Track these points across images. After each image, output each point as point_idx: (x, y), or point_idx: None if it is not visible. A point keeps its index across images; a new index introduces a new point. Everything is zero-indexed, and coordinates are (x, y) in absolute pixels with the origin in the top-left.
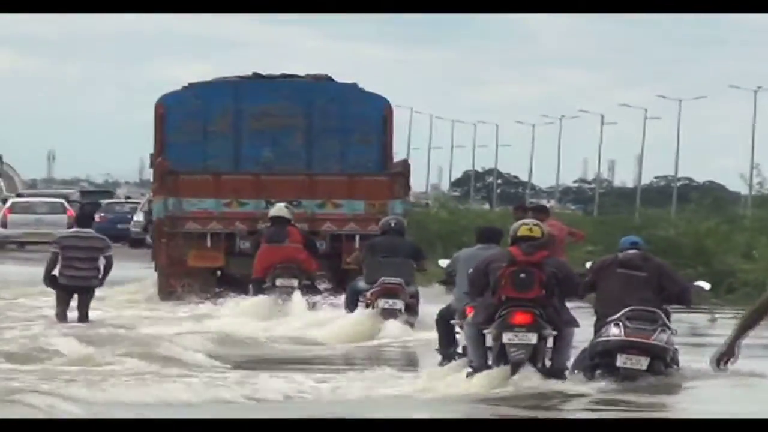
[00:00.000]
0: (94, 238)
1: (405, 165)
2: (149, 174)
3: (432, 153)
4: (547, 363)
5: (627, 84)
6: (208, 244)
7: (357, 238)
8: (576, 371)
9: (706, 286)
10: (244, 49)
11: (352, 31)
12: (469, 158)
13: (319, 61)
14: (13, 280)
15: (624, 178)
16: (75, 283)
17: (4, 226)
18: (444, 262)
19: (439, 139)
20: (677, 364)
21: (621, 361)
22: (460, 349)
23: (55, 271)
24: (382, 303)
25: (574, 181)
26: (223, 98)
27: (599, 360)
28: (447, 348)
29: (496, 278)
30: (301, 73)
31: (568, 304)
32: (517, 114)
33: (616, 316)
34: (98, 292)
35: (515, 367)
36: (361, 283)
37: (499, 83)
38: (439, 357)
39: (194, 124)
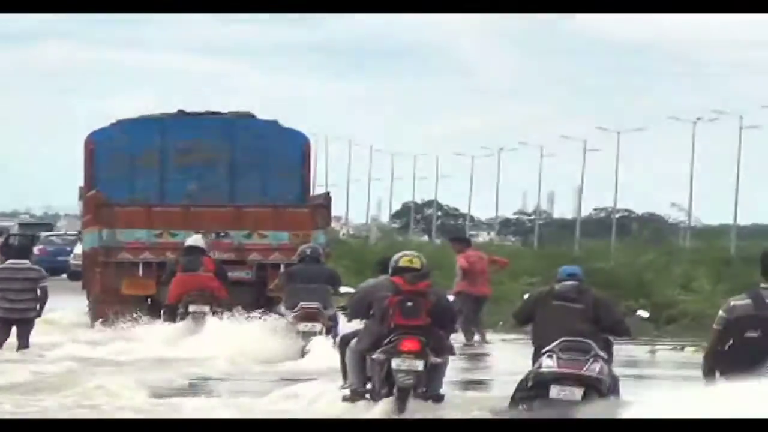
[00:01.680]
0: (28, 269)
1: (326, 197)
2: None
3: (372, 184)
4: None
5: (566, 116)
6: (140, 273)
7: (282, 266)
8: (515, 401)
9: (645, 314)
10: (179, 81)
11: (289, 63)
12: (409, 190)
13: (255, 93)
14: None
15: (563, 209)
16: (12, 315)
17: None
18: (345, 289)
19: (378, 171)
20: (617, 395)
21: (555, 392)
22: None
23: None
24: (302, 326)
25: (514, 213)
26: (150, 134)
27: (535, 392)
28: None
29: (384, 306)
30: (225, 110)
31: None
32: (456, 146)
33: (549, 348)
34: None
35: (402, 392)
36: (282, 308)
37: (438, 115)
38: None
39: (122, 158)
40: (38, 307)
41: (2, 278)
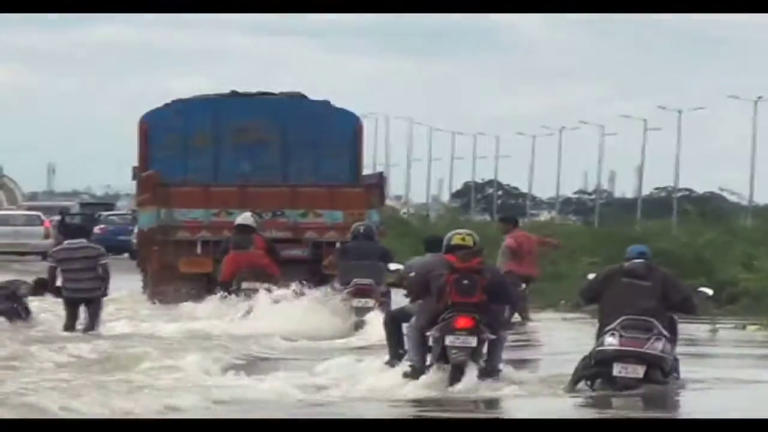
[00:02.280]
0: (87, 248)
1: (380, 177)
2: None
3: (432, 164)
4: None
5: (627, 95)
6: (198, 251)
7: (337, 244)
8: (578, 379)
9: (709, 291)
10: (240, 62)
11: (349, 43)
12: (469, 170)
13: (316, 73)
14: None
15: (624, 189)
16: (78, 295)
17: None
18: (394, 266)
19: (439, 151)
20: (678, 373)
21: (617, 370)
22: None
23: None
24: (355, 302)
25: (575, 193)
26: (203, 114)
27: (598, 369)
28: (396, 348)
29: (441, 284)
30: (276, 91)
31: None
32: (517, 125)
33: (612, 326)
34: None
35: (455, 368)
36: (337, 284)
37: (498, 95)
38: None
39: (176, 139)
40: (103, 286)
41: (61, 259)
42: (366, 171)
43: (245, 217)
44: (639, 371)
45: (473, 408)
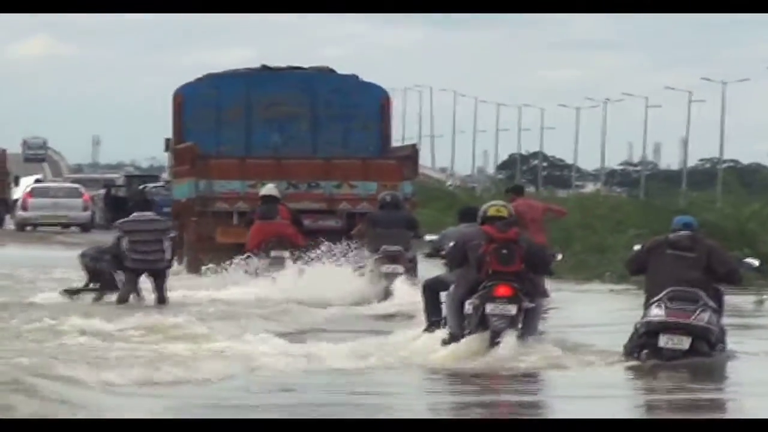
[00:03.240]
0: (154, 220)
1: (413, 149)
2: None
3: (477, 136)
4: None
5: (671, 67)
6: (235, 221)
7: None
8: (627, 350)
9: (755, 262)
10: (283, 34)
11: (393, 16)
12: (514, 141)
13: (357, 45)
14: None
15: (669, 160)
16: (141, 266)
17: (25, 209)
18: (430, 237)
19: (484, 123)
20: (724, 345)
21: (663, 341)
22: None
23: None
24: (384, 268)
25: (620, 164)
26: (236, 88)
27: (644, 340)
28: (433, 316)
29: (480, 254)
30: (306, 65)
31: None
32: (561, 97)
33: (658, 297)
34: None
35: (495, 335)
36: (366, 252)
37: (543, 67)
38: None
39: (209, 112)
40: (168, 257)
41: (129, 230)
42: (412, 142)
43: (270, 188)
44: (685, 342)
45: (519, 379)
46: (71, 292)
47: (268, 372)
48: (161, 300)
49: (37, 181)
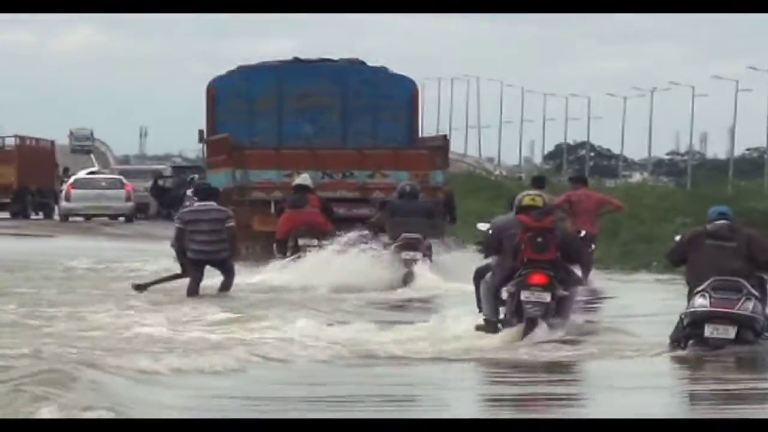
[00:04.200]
0: (214, 210)
1: (444, 140)
2: None
3: (524, 125)
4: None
5: (718, 56)
6: (271, 210)
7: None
8: (672, 340)
9: None
10: (329, 26)
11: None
12: (560, 131)
13: (402, 35)
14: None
15: (716, 150)
16: (202, 257)
17: (68, 200)
18: (483, 226)
19: (531, 113)
20: None
21: (708, 331)
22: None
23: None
24: (404, 255)
25: (667, 154)
26: (268, 80)
27: (690, 330)
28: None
29: (516, 243)
30: (337, 58)
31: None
32: (608, 87)
33: (702, 287)
34: None
35: (530, 322)
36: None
37: (589, 56)
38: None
39: (242, 103)
40: (229, 247)
41: (189, 220)
42: (456, 132)
43: (304, 178)
44: (730, 332)
45: (560, 370)
46: (141, 287)
47: (314, 361)
48: (224, 288)
49: (91, 173)
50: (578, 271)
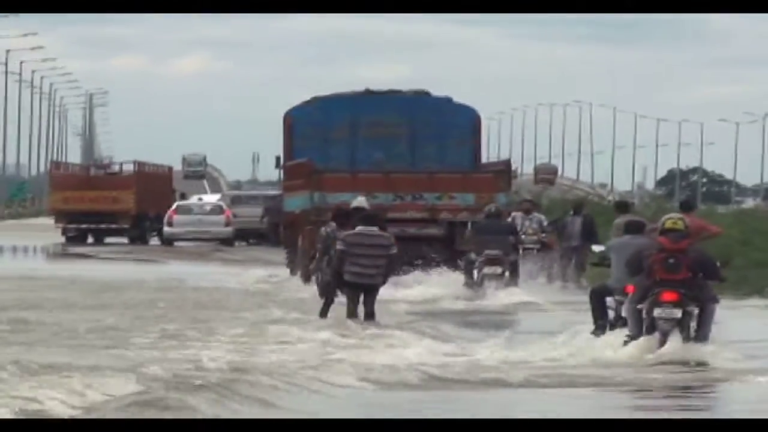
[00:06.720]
0: (379, 236)
1: (507, 164)
2: None
3: (637, 151)
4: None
5: None
6: None
7: (468, 224)
8: None
9: None
10: (432, 50)
11: (546, 31)
12: (672, 157)
13: (513, 61)
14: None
15: None
16: (361, 281)
17: (170, 225)
18: (597, 248)
19: (643, 138)
20: None
21: None
22: (611, 320)
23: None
24: (487, 270)
25: None
26: (341, 110)
27: None
28: (600, 319)
29: (650, 263)
30: (405, 89)
31: None
32: (720, 112)
33: None
34: None
35: (663, 336)
36: (473, 255)
37: (701, 82)
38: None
39: (317, 132)
40: (384, 274)
41: (352, 243)
42: (569, 158)
43: (361, 201)
44: None
45: (687, 389)
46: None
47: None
48: (368, 316)
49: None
50: None
